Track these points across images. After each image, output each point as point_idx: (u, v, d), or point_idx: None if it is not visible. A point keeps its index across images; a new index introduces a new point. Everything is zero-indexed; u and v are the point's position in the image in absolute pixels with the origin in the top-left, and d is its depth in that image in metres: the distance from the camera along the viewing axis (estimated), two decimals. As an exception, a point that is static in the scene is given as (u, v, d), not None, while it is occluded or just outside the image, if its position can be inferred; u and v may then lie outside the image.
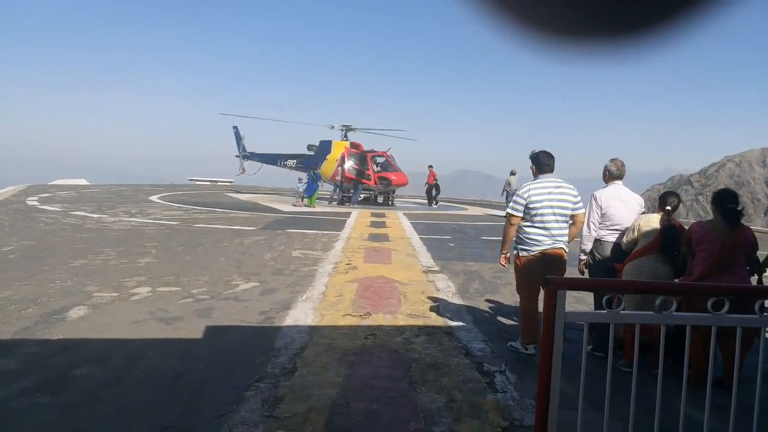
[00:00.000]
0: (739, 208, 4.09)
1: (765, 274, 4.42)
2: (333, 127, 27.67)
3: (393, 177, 24.69)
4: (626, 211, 4.98)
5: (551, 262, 4.77)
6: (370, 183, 24.66)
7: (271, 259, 9.07)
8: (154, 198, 21.82)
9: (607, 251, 5.01)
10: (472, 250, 11.30)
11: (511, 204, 4.85)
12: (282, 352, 4.57)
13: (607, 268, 4.89)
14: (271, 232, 12.63)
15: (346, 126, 27.31)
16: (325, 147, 27.20)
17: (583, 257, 5.18)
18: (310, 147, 28.41)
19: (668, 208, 4.59)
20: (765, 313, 2.32)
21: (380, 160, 25.36)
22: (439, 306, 6.30)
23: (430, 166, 25.71)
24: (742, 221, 4.21)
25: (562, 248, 4.82)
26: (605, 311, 2.28)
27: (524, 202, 4.74)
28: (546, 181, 4.80)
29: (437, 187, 25.96)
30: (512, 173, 22.85)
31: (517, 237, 4.88)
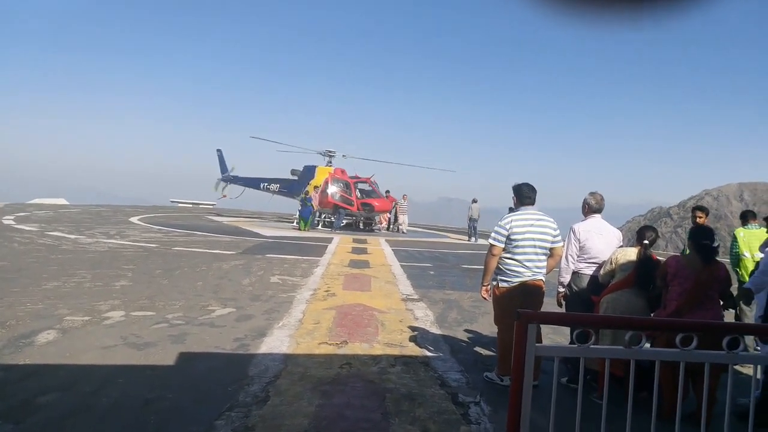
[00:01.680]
0: (715, 244, 4.15)
1: (740, 308, 4.48)
2: (320, 153, 27.81)
3: (376, 203, 24.75)
4: (604, 244, 5.02)
5: (530, 293, 4.79)
6: (353, 209, 24.71)
7: (249, 284, 8.99)
8: (134, 219, 21.62)
9: (584, 283, 5.04)
10: (452, 278, 11.30)
11: (492, 235, 4.87)
12: (255, 380, 4.50)
13: (585, 301, 4.92)
14: (250, 257, 12.54)
15: (330, 152, 27.43)
16: (308, 172, 27.27)
17: (561, 289, 5.21)
18: (293, 171, 28.47)
19: (646, 242, 4.64)
20: (734, 350, 2.35)
21: (363, 186, 25.46)
22: (417, 335, 6.27)
23: (387, 191, 26.12)
24: (720, 254, 4.27)
25: (541, 280, 4.86)
26: (575, 345, 2.28)
27: (506, 233, 4.77)
28: (527, 213, 4.84)
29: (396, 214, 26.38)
30: (474, 201, 23.55)
31: (498, 268, 4.89)
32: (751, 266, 8.01)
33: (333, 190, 24.64)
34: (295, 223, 24.57)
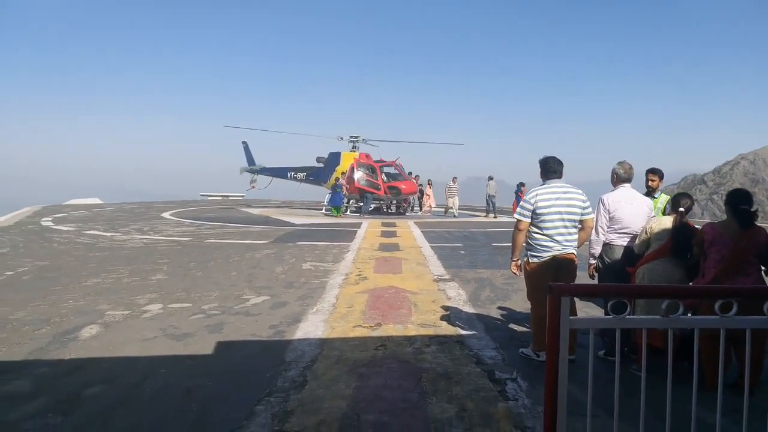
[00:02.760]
0: (753, 208, 4.03)
1: None
2: (342, 138, 27.83)
3: (402, 186, 24.74)
4: (635, 214, 4.92)
5: (562, 267, 4.73)
6: (380, 193, 24.72)
7: (282, 272, 9.09)
8: (166, 215, 21.99)
9: (617, 255, 4.95)
10: (483, 257, 11.25)
11: (518, 210, 4.83)
12: (292, 365, 4.56)
13: (617, 272, 4.84)
14: (281, 245, 12.66)
15: (354, 137, 27.44)
16: (334, 159, 27.35)
17: (593, 261, 5.13)
18: (319, 159, 28.57)
19: (681, 209, 4.51)
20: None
21: (389, 169, 25.44)
22: (450, 315, 6.27)
23: (410, 173, 26.65)
24: (760, 219, 4.14)
25: (572, 253, 4.79)
26: (611, 317, 2.24)
27: (531, 207, 4.71)
28: (553, 187, 4.77)
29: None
30: (490, 178, 24.05)
31: (527, 243, 4.85)
32: None
33: (359, 175, 24.68)
34: (324, 211, 24.72)
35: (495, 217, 23.00)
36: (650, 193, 5.82)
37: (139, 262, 9.91)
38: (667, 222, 4.53)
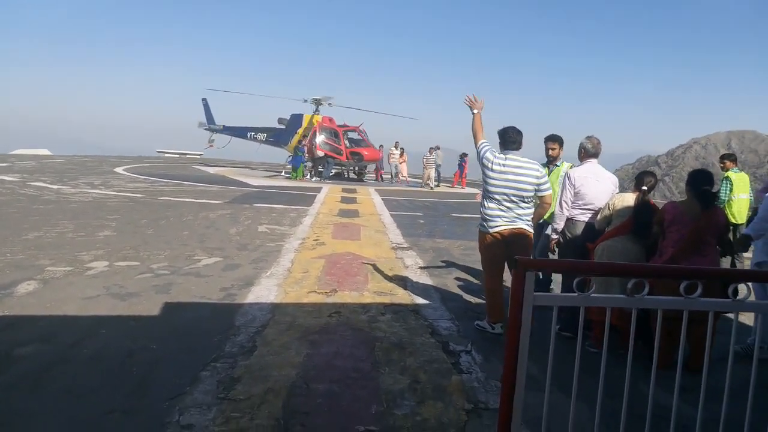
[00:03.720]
0: (714, 190, 4.03)
1: (736, 255, 4.40)
2: (306, 100, 27.26)
3: (365, 152, 24.46)
4: (600, 190, 4.87)
5: (513, 241, 4.61)
6: (342, 158, 24.41)
7: (237, 233, 8.85)
8: (120, 170, 21.26)
9: (578, 230, 4.92)
10: (442, 227, 11.22)
11: (483, 146, 4.70)
12: (242, 330, 4.40)
13: (578, 248, 4.81)
14: (238, 206, 12.36)
15: (317, 99, 26.89)
16: (296, 121, 26.80)
17: (555, 236, 5.08)
18: (280, 120, 27.98)
19: (644, 187, 4.46)
20: (737, 297, 2.23)
21: (352, 135, 25.10)
22: (407, 283, 6.19)
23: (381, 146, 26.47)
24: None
25: (523, 228, 4.64)
26: (575, 294, 2.16)
27: (481, 158, 4.65)
28: (510, 158, 4.60)
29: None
30: (437, 147, 24.31)
31: (481, 214, 4.76)
32: (744, 208, 8.03)
33: (321, 138, 24.26)
34: (284, 173, 24.30)
35: (438, 186, 23.40)
36: (551, 162, 5.62)
37: (86, 217, 9.49)
38: (630, 199, 4.49)
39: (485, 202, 4.66)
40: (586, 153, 5.02)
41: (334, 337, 4.36)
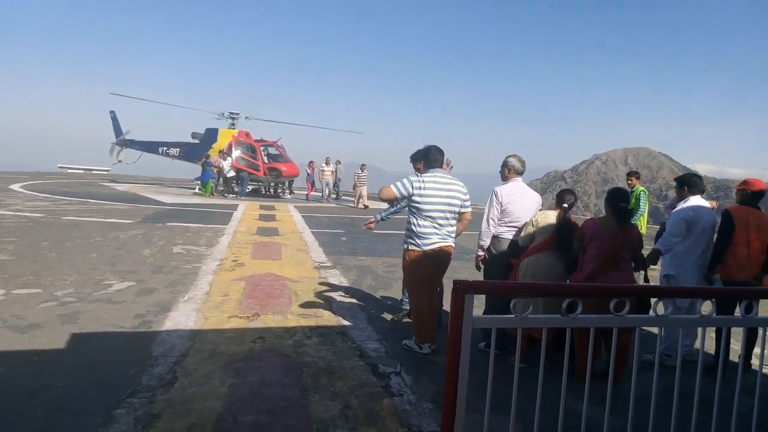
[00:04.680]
0: (630, 207, 4.24)
1: (649, 269, 4.64)
2: (222, 115, 26.61)
3: (283, 168, 24.09)
4: (526, 208, 4.99)
5: (441, 259, 4.73)
6: (260, 174, 23.93)
7: (150, 255, 8.41)
8: (16, 187, 19.78)
9: (505, 247, 5.01)
10: (364, 244, 11.19)
11: (397, 184, 4.67)
12: (160, 360, 4.14)
13: (504, 265, 4.90)
14: (150, 226, 11.78)
15: (234, 114, 26.32)
16: (210, 135, 26.06)
17: (481, 253, 5.14)
18: (194, 135, 27.15)
19: (565, 205, 4.66)
20: (662, 315, 2.34)
21: (270, 150, 24.69)
22: (332, 304, 6.09)
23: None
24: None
25: (451, 245, 4.80)
26: (513, 316, 2.17)
27: (411, 190, 4.61)
28: (437, 176, 4.70)
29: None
30: (338, 162, 24.16)
31: (408, 232, 4.77)
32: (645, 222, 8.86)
33: (237, 154, 23.69)
34: (197, 189, 23.44)
35: (336, 198, 23.74)
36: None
37: (-22, 240, 8.71)
38: (552, 217, 4.65)
39: (417, 221, 4.67)
40: (514, 170, 5.12)
41: (259, 364, 4.20)
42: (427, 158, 4.81)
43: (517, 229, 4.95)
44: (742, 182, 4.95)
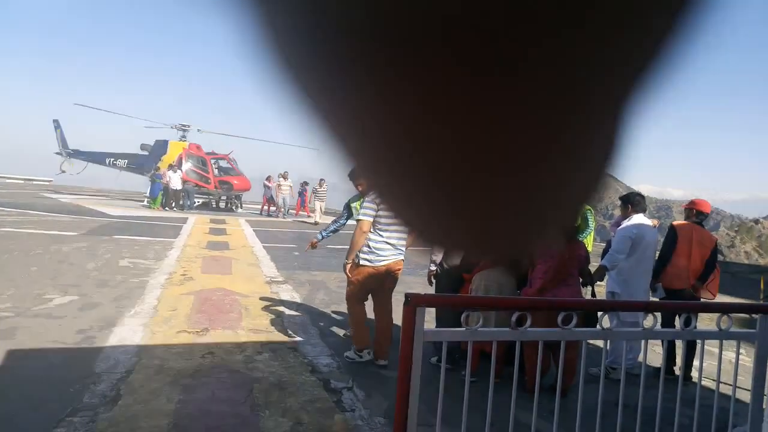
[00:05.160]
0: (576, 224, 4.37)
1: (596, 285, 4.79)
2: (173, 126, 26.11)
3: (235, 181, 23.76)
4: None
5: (390, 273, 4.81)
6: (210, 187, 23.53)
7: (95, 268, 8.12)
8: (-51, 197, 18.83)
9: (457, 262, 5.07)
10: (317, 258, 11.11)
11: (363, 211, 4.74)
12: (103, 377, 3.99)
13: (455, 280, 4.96)
14: (95, 239, 11.39)
15: (185, 126, 25.86)
16: (160, 147, 25.50)
17: (433, 267, 5.19)
18: (143, 146, 26.52)
19: None
20: (607, 328, 2.41)
21: (222, 163, 24.33)
22: (283, 319, 6.02)
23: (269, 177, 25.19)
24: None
25: (402, 259, 4.89)
26: (463, 329, 2.20)
27: (376, 209, 4.66)
28: None
29: None
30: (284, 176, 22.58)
31: (361, 248, 4.78)
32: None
33: (187, 166, 23.23)
34: (145, 202, 22.84)
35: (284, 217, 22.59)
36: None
37: None
38: None
39: (371, 236, 4.70)
40: None
41: (208, 380, 4.10)
42: None
43: None
44: (690, 202, 5.31)
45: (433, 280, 5.22)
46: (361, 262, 4.74)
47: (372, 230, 4.71)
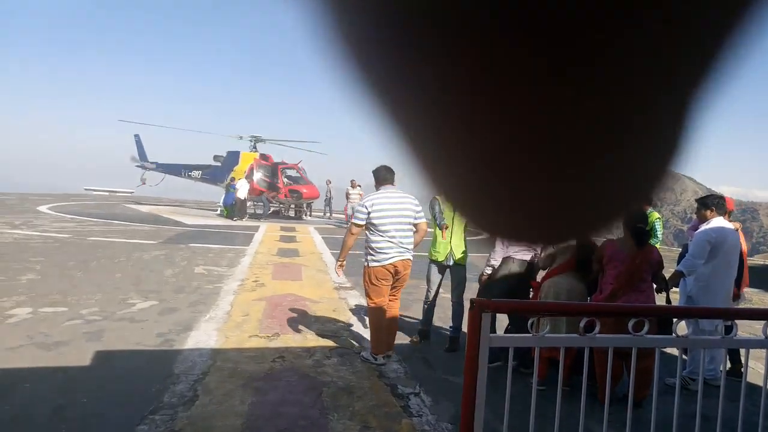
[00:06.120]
0: (647, 228, 4.21)
1: (671, 291, 4.59)
2: (242, 137, 26.96)
3: (304, 190, 24.25)
4: None
5: (399, 272, 4.89)
6: (281, 196, 24.13)
7: (172, 275, 8.52)
8: (43, 208, 20.19)
9: (516, 268, 4.98)
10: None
11: (355, 215, 4.93)
12: (182, 378, 4.19)
13: (512, 286, 4.86)
14: (173, 247, 11.94)
15: (255, 137, 26.66)
16: (232, 158, 26.38)
17: (489, 271, 5.11)
18: (216, 158, 27.48)
19: None
20: (682, 336, 2.32)
21: (291, 172, 24.91)
22: (352, 325, 6.12)
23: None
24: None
25: (410, 259, 4.95)
26: (530, 335, 2.18)
27: (367, 212, 4.81)
28: (387, 192, 4.91)
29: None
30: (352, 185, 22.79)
31: (367, 249, 4.94)
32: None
33: (258, 176, 23.93)
34: (218, 212, 23.67)
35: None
36: None
37: (6, 260, 8.90)
38: None
39: (374, 237, 4.86)
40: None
41: (279, 383, 4.22)
42: (378, 177, 5.02)
43: (530, 251, 4.93)
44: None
45: (482, 285, 5.15)
46: (371, 264, 4.90)
47: (371, 232, 4.85)
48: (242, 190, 22.04)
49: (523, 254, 5.00)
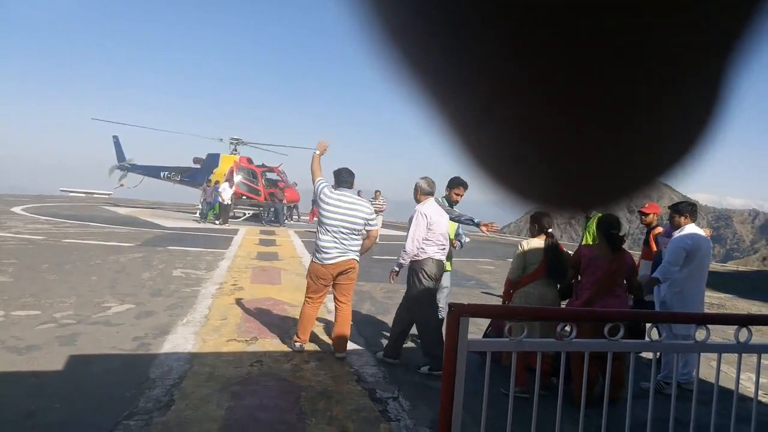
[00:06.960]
0: (621, 233, 4.27)
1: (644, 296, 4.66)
2: (222, 139, 26.79)
3: (284, 193, 24.16)
4: (445, 225, 5.15)
5: (342, 271, 5.00)
6: (260, 199, 23.99)
7: (150, 278, 8.42)
8: (18, 209, 19.83)
9: (437, 269, 5.01)
10: (363, 269, 11.14)
11: (319, 184, 5.01)
12: (157, 383, 4.14)
13: (429, 289, 4.95)
14: (150, 249, 11.80)
15: (236, 139, 26.50)
16: (212, 160, 26.18)
17: (397, 269, 5.18)
18: (196, 160, 27.26)
19: (549, 230, 4.57)
20: (656, 340, 2.36)
21: (271, 175, 24.79)
22: (330, 329, 6.08)
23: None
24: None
25: (353, 259, 5.04)
26: (507, 339, 2.20)
27: (318, 194, 4.98)
28: (342, 194, 4.99)
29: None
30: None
31: (315, 245, 5.03)
32: None
33: (238, 179, 23.77)
34: (197, 214, 23.42)
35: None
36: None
37: (-22, 262, 8.73)
38: (539, 243, 4.56)
39: (320, 235, 4.95)
40: (422, 191, 5.17)
41: (256, 387, 4.19)
42: (338, 178, 5.10)
43: (444, 248, 5.06)
44: (651, 206, 5.23)
45: (392, 281, 5.41)
46: (313, 260, 5.05)
47: (319, 230, 4.96)
48: (225, 193, 21.78)
49: (439, 254, 5.01)
